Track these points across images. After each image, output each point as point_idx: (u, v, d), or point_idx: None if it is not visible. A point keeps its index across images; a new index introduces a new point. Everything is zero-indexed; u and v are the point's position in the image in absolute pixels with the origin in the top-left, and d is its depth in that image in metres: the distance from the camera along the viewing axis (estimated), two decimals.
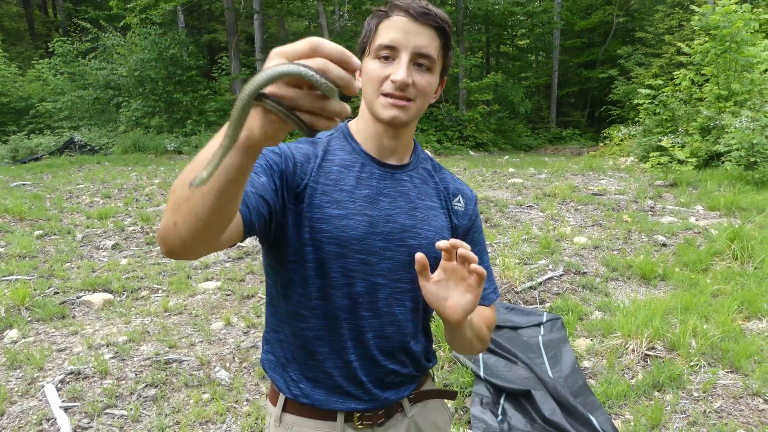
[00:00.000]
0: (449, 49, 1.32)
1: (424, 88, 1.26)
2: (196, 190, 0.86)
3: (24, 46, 31.35)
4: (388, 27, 1.24)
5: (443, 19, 1.26)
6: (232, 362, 4.08)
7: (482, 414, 3.32)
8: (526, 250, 6.43)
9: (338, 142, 1.38)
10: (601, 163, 14.66)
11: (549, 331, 4.44)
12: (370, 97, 1.28)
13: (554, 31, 30.54)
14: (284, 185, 1.24)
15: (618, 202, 8.87)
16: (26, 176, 12.19)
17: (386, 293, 1.34)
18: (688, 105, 14.53)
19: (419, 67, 1.25)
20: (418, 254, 1.15)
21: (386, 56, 1.24)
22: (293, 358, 1.37)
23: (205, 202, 0.87)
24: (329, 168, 1.32)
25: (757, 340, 4.16)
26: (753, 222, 7.24)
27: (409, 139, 1.41)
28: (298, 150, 1.31)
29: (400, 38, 1.23)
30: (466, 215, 1.47)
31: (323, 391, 1.36)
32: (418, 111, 1.29)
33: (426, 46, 1.24)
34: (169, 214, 0.93)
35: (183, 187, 0.89)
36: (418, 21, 1.23)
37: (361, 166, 1.34)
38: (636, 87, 21.25)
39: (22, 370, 3.90)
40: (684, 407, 3.44)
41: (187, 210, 0.90)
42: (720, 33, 13.16)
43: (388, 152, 1.37)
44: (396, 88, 1.23)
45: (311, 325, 1.32)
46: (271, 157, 1.24)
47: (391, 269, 1.33)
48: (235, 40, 22.44)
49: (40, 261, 6.26)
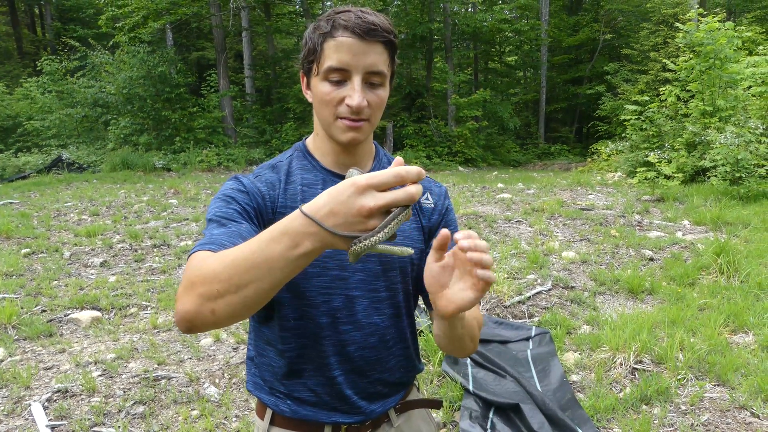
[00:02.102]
0: (395, 54, 1.29)
1: (378, 104, 1.26)
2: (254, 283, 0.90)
3: (12, 65, 31.26)
4: (336, 49, 1.20)
5: (389, 31, 1.23)
6: (222, 378, 4.06)
7: (471, 428, 3.32)
8: (515, 264, 6.45)
9: (298, 161, 1.38)
10: (589, 179, 14.76)
11: (537, 345, 4.45)
12: (326, 120, 1.28)
13: (542, 47, 30.80)
14: (260, 222, 1.25)
15: (606, 217, 8.93)
16: (13, 194, 12.13)
17: (364, 305, 1.34)
18: (674, 121, 14.68)
19: (372, 85, 1.24)
20: (444, 230, 1.04)
21: (337, 80, 1.22)
22: (279, 381, 1.37)
23: (259, 293, 0.91)
24: (293, 189, 1.32)
25: (743, 354, 4.19)
26: (739, 236, 7.32)
27: (369, 148, 1.41)
28: (261, 181, 1.31)
29: (350, 60, 1.20)
30: (436, 211, 1.45)
31: (310, 408, 1.37)
32: (373, 126, 1.30)
33: (376, 63, 1.22)
34: (202, 301, 0.93)
35: (228, 280, 0.90)
36: (366, 40, 1.20)
37: (323, 183, 1.34)
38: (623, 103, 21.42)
39: (8, 389, 3.87)
40: (672, 420, 3.46)
41: (236, 300, 0.91)
42: (704, 50, 13.36)
43: (349, 164, 1.37)
44: (352, 113, 1.22)
45: (292, 345, 1.33)
46: (242, 198, 1.24)
47: (365, 280, 1.34)
48: (224, 58, 22.49)
49: (27, 279, 6.22)
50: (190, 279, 0.95)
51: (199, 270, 0.95)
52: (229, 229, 1.13)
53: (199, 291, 0.93)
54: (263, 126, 23.46)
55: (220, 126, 21.91)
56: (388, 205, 0.82)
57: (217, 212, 1.19)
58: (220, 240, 1.07)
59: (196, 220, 9.09)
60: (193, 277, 0.95)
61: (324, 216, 0.84)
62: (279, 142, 21.72)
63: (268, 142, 22.18)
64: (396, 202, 0.82)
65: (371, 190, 0.82)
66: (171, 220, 9.17)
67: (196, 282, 0.94)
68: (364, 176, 0.82)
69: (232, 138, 21.91)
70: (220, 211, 1.19)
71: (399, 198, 0.82)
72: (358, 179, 0.82)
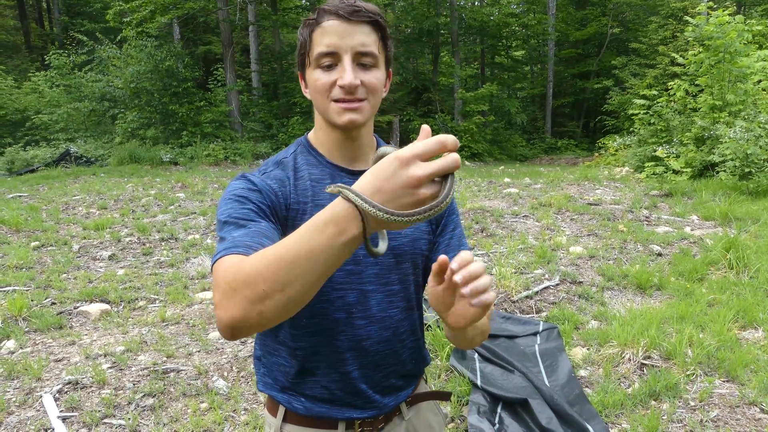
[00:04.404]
0: (388, 40, 1.30)
1: (373, 85, 1.26)
2: (301, 278, 0.89)
3: (20, 59, 31.34)
4: (323, 34, 1.22)
5: (375, 12, 1.24)
6: (230, 371, 4.08)
7: (479, 423, 3.32)
8: (522, 259, 6.45)
9: (303, 157, 1.37)
10: (596, 173, 14.72)
11: (545, 340, 4.45)
12: (322, 107, 1.28)
13: (549, 41, 30.70)
14: (277, 219, 1.24)
15: (613, 212, 8.90)
16: (22, 188, 12.18)
17: (378, 298, 1.34)
18: (682, 115, 14.62)
19: (363, 66, 1.24)
20: (442, 257, 1.03)
21: (328, 64, 1.23)
22: (291, 380, 1.37)
23: (306, 288, 0.91)
24: (303, 185, 1.32)
25: (753, 350, 4.18)
26: (748, 232, 7.28)
27: (370, 140, 1.41)
28: (270, 178, 1.30)
29: (338, 42, 1.21)
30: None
31: (325, 404, 1.37)
32: (373, 109, 1.29)
33: (365, 43, 1.23)
34: (248, 305, 0.91)
35: (274, 279, 0.89)
36: (351, 21, 1.21)
37: (331, 178, 1.34)
38: (631, 97, 21.36)
39: (19, 380, 3.89)
40: (681, 416, 3.45)
41: (283, 298, 0.90)
42: (714, 44, 13.27)
43: (354, 158, 1.37)
44: (346, 93, 1.23)
45: (305, 344, 1.33)
46: (255, 197, 1.23)
47: (379, 274, 1.34)
48: (231, 52, 22.48)
49: (36, 272, 6.26)
50: (230, 284, 0.93)
51: (237, 274, 0.93)
52: (249, 229, 1.11)
53: (244, 294, 0.91)
54: (270, 120, 23.47)
55: (226, 120, 21.92)
56: (437, 172, 0.82)
57: (232, 213, 1.16)
58: (244, 242, 1.05)
59: (203, 214, 9.11)
60: (232, 282, 0.93)
61: (370, 195, 0.83)
62: (285, 136, 21.72)
63: (274, 137, 22.19)
64: (445, 168, 0.82)
65: (416, 160, 0.81)
66: (178, 214, 9.19)
67: (238, 286, 0.92)
68: (406, 148, 0.82)
69: (239, 132, 21.92)
70: (235, 212, 1.16)
71: (447, 164, 0.82)
72: (400, 152, 0.82)
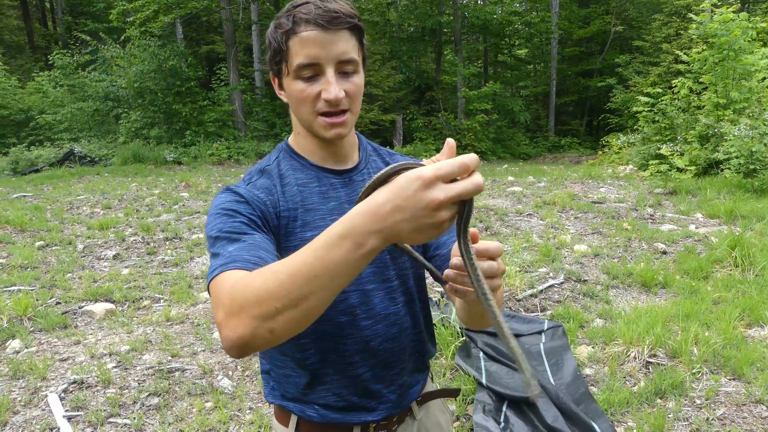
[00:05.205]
0: (363, 37, 1.26)
1: (355, 93, 1.23)
2: (316, 294, 0.85)
3: (24, 59, 31.45)
4: (302, 44, 1.17)
5: (352, 15, 1.19)
6: (235, 371, 4.08)
7: (485, 421, 3.32)
8: (527, 257, 6.44)
9: (287, 162, 1.35)
10: (600, 172, 14.69)
11: (550, 338, 4.44)
12: (306, 119, 1.25)
13: (552, 40, 30.65)
14: (269, 229, 1.22)
15: (618, 210, 8.89)
16: (27, 188, 12.22)
17: (380, 296, 1.33)
18: (686, 113, 14.56)
19: (345, 74, 1.21)
20: (448, 270, 1.01)
21: (310, 75, 1.19)
22: (303, 391, 1.35)
23: (322, 302, 0.86)
24: (291, 191, 1.30)
25: (759, 348, 4.16)
26: (753, 230, 7.25)
27: (352, 139, 1.39)
28: (257, 188, 1.28)
29: (319, 53, 1.17)
30: None
31: (339, 412, 1.35)
32: (356, 115, 1.28)
33: (346, 51, 1.19)
34: (258, 323, 0.87)
35: (288, 295, 0.85)
36: (330, 29, 1.16)
37: (318, 181, 1.32)
38: (634, 95, 21.30)
39: (25, 379, 3.90)
40: (687, 414, 3.44)
41: (297, 314, 0.86)
42: (718, 41, 13.21)
43: (338, 159, 1.35)
44: (331, 106, 1.20)
45: (312, 351, 1.31)
46: (244, 209, 1.19)
47: (377, 272, 1.33)
48: (234, 51, 22.51)
49: (41, 271, 6.27)
50: (237, 302, 0.89)
51: (245, 291, 0.89)
52: (244, 243, 1.08)
53: (254, 313, 0.87)
54: (273, 119, 23.48)
55: (230, 119, 21.96)
56: (458, 196, 0.79)
57: (223, 228, 1.13)
58: (242, 256, 1.03)
59: (207, 213, 9.11)
60: (239, 299, 0.89)
61: (389, 212, 0.80)
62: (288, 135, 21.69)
63: (277, 136, 22.21)
64: (466, 193, 0.79)
65: (439, 182, 0.78)
66: (182, 213, 9.20)
67: (246, 304, 0.88)
68: (429, 168, 0.79)
69: (242, 131, 21.95)
70: (226, 227, 1.13)
71: (468, 189, 0.79)
72: (423, 172, 0.79)
